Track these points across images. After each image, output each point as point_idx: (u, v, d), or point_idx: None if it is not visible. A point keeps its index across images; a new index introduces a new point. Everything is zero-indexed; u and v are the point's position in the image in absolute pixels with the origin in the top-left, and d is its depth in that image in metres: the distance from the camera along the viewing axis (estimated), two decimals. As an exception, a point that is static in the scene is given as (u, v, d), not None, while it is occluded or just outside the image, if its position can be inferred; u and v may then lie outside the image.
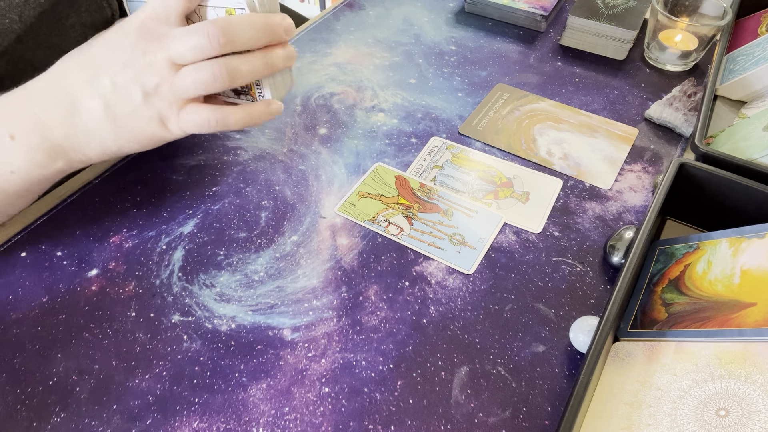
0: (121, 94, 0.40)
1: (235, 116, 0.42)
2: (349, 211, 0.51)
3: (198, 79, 0.39)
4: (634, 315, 0.41)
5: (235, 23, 0.38)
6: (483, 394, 0.40)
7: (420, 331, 0.43)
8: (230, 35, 0.38)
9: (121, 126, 0.41)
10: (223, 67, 0.39)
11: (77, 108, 0.40)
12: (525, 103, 0.64)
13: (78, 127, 0.41)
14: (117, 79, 0.39)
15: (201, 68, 0.39)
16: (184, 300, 0.44)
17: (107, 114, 0.40)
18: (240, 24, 0.38)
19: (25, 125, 0.40)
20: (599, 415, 0.36)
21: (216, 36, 0.38)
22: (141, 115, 0.40)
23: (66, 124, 0.41)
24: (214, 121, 0.41)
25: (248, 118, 0.43)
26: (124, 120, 0.41)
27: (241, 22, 0.38)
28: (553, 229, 0.51)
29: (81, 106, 0.40)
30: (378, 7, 0.80)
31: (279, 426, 0.38)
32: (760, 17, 0.69)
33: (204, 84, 0.39)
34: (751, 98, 0.62)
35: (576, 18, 0.70)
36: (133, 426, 0.37)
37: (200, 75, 0.39)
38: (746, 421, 0.32)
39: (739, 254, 0.40)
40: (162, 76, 0.39)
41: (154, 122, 0.41)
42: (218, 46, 0.38)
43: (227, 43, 0.38)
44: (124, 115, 0.40)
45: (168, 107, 0.40)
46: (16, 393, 0.39)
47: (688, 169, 0.47)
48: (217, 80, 0.39)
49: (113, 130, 0.41)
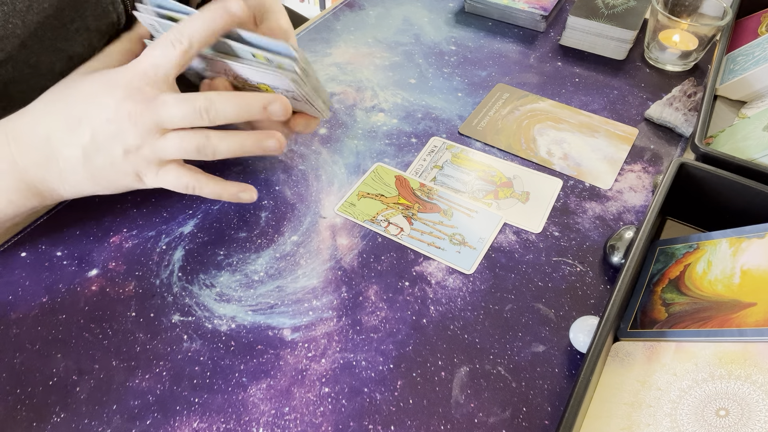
0: (101, 149, 0.41)
1: (209, 188, 0.44)
2: (349, 211, 0.52)
3: (183, 147, 0.41)
4: (634, 315, 0.41)
5: (221, 99, 0.40)
6: (483, 394, 0.40)
7: (420, 331, 0.43)
8: (217, 111, 0.40)
9: (96, 175, 0.42)
10: (208, 144, 0.41)
11: (54, 154, 0.41)
12: (525, 103, 0.64)
13: (54, 173, 0.42)
14: (98, 134, 0.41)
15: (187, 139, 0.41)
16: (184, 300, 0.44)
17: (85, 164, 0.42)
18: (224, 101, 0.40)
19: (1, 167, 0.41)
20: (599, 415, 0.36)
21: (207, 113, 0.40)
22: (118, 169, 0.42)
23: (42, 168, 0.42)
24: (191, 188, 0.44)
25: (219, 194, 0.45)
26: (100, 171, 0.42)
27: (226, 98, 0.41)
28: (553, 229, 0.51)
29: (59, 153, 0.41)
30: (378, 7, 0.80)
31: (279, 426, 0.38)
32: (760, 17, 0.69)
33: (187, 153, 0.41)
34: (751, 98, 0.62)
35: (576, 18, 0.70)
36: (133, 426, 0.37)
37: (185, 144, 0.41)
38: (746, 421, 0.32)
39: (739, 254, 0.40)
40: (144, 138, 0.40)
41: (130, 177, 0.43)
42: (207, 123, 0.40)
43: (215, 120, 0.40)
44: (101, 167, 0.42)
45: (147, 165, 0.42)
46: (16, 393, 0.39)
47: (688, 169, 0.47)
48: (200, 154, 0.42)
49: (89, 178, 0.43)
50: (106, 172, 0.42)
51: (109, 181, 0.43)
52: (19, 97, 0.50)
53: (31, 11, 0.46)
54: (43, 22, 0.47)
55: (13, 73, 0.48)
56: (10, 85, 0.48)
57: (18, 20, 0.46)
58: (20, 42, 0.47)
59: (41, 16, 0.47)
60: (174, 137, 0.41)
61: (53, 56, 0.50)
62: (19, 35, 0.46)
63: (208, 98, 0.40)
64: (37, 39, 0.48)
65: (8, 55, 0.46)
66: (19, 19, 0.46)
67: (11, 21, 0.45)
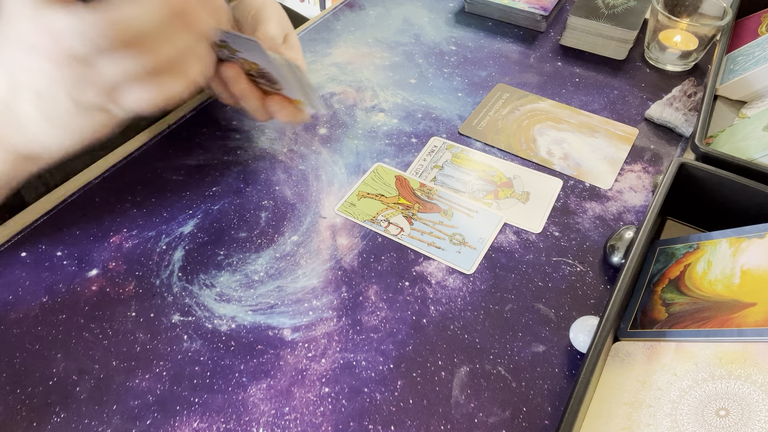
0: (48, 97, 0.36)
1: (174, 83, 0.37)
2: (350, 211, 0.52)
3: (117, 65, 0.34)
4: (634, 315, 0.41)
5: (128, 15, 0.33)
6: (483, 394, 0.40)
7: (420, 331, 0.43)
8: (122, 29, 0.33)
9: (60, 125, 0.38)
10: None
11: (18, 116, 0.38)
12: (525, 103, 0.64)
13: (27, 135, 0.38)
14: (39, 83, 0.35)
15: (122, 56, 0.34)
16: (184, 300, 0.44)
17: (39, 115, 0.37)
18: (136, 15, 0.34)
19: None
20: (599, 415, 0.36)
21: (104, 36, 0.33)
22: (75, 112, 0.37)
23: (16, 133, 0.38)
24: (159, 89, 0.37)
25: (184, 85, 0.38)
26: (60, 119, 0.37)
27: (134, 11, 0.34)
28: (553, 229, 0.51)
29: (19, 112, 0.37)
30: (378, 7, 0.80)
31: (279, 426, 0.38)
32: (760, 17, 0.69)
33: None
34: (751, 98, 0.62)
35: (576, 18, 0.70)
36: (133, 426, 0.37)
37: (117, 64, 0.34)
38: (746, 421, 0.32)
39: (739, 254, 0.40)
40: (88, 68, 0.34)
41: (93, 113, 0.37)
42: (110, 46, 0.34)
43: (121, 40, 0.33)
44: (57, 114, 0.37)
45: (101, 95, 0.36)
46: (16, 393, 0.39)
47: (688, 169, 0.47)
48: None
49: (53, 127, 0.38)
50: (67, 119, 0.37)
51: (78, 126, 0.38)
52: None
53: None
54: None
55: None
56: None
57: None
58: None
59: None
60: None
61: None
62: None
63: None
64: None
65: None
66: None
67: None
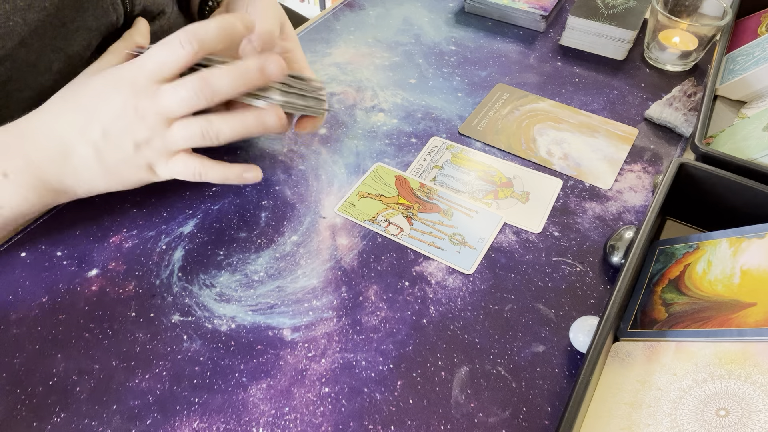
0: (112, 144, 0.42)
1: (215, 171, 0.46)
2: (349, 211, 0.51)
3: (187, 136, 0.42)
4: (634, 315, 0.41)
5: (218, 76, 0.41)
6: (483, 394, 0.40)
7: (420, 331, 0.43)
8: (215, 90, 0.41)
9: (110, 171, 0.44)
10: (210, 128, 0.42)
11: (69, 153, 0.42)
12: (525, 103, 0.64)
13: (69, 170, 0.43)
14: (109, 130, 0.42)
15: (191, 126, 0.42)
16: (184, 300, 0.44)
17: (98, 161, 0.43)
18: (223, 76, 0.41)
19: (17, 164, 0.42)
20: (599, 415, 0.36)
21: (203, 92, 0.41)
22: (131, 163, 0.43)
23: (57, 166, 0.43)
24: (197, 173, 0.45)
25: (224, 176, 0.46)
26: (113, 166, 0.43)
27: (223, 75, 0.41)
28: (553, 229, 0.51)
29: (73, 151, 0.42)
30: (378, 7, 0.80)
31: (279, 426, 0.38)
32: (760, 17, 0.69)
33: (193, 141, 0.43)
34: (751, 98, 0.62)
35: (576, 18, 0.70)
36: (133, 426, 0.37)
37: (190, 133, 0.42)
38: (746, 421, 0.32)
39: (739, 254, 0.40)
40: (153, 130, 0.42)
41: (142, 170, 0.44)
42: (205, 102, 0.41)
43: (213, 96, 0.41)
44: (114, 162, 0.43)
45: (158, 157, 0.43)
46: (16, 393, 0.39)
47: (688, 169, 0.47)
48: (205, 138, 0.43)
49: (103, 174, 0.44)
50: (119, 167, 0.43)
51: (123, 176, 0.44)
52: (17, 95, 0.50)
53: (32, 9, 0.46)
54: (43, 20, 0.47)
55: (12, 71, 0.48)
56: (9, 83, 0.48)
57: (19, 18, 0.46)
58: (20, 40, 0.47)
59: (42, 14, 0.47)
60: (178, 125, 0.42)
61: (52, 55, 0.50)
62: (20, 33, 0.46)
63: (202, 76, 0.41)
64: (37, 37, 0.48)
65: (7, 53, 0.46)
66: (20, 17, 0.46)
67: (12, 18, 0.45)
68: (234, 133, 0.43)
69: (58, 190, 0.44)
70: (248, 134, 0.44)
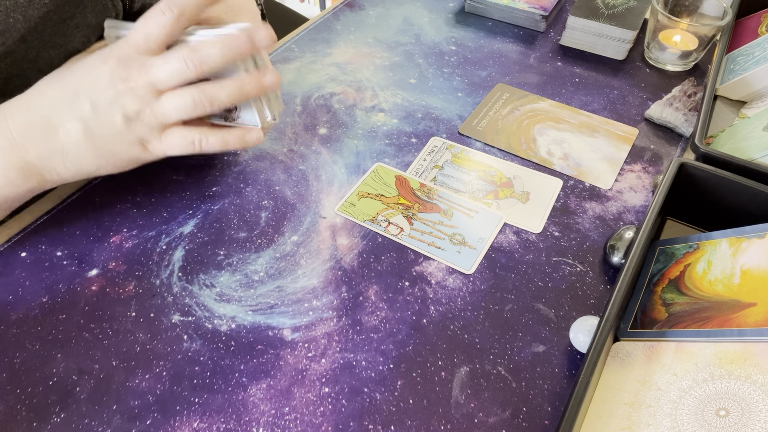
0: (102, 118, 0.41)
1: (215, 137, 0.43)
2: (349, 211, 0.51)
3: (179, 105, 0.40)
4: (634, 315, 0.41)
5: (207, 45, 0.39)
6: (483, 394, 0.40)
7: (420, 331, 0.43)
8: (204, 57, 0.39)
9: (100, 147, 0.42)
10: (203, 94, 0.40)
11: (55, 129, 0.41)
12: (525, 103, 0.64)
13: (54, 148, 0.41)
14: (97, 103, 0.40)
15: (182, 95, 0.40)
16: (184, 300, 0.44)
17: (86, 136, 0.41)
18: (211, 45, 0.39)
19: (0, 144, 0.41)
20: (599, 415, 0.36)
21: (192, 60, 0.39)
22: (122, 138, 0.41)
23: (41, 144, 0.41)
24: (197, 142, 0.43)
25: (225, 141, 0.44)
26: (104, 142, 0.42)
27: (212, 43, 0.39)
28: (553, 229, 0.51)
29: (59, 127, 0.41)
30: (378, 7, 0.80)
31: (279, 426, 0.38)
32: (760, 17, 0.69)
33: (185, 110, 0.41)
34: (751, 98, 0.62)
35: (576, 18, 0.70)
36: (133, 426, 0.37)
37: (181, 101, 0.40)
38: (746, 421, 0.32)
39: (739, 254, 0.40)
40: (143, 101, 0.40)
41: (134, 145, 0.42)
42: (195, 70, 0.39)
43: (202, 64, 0.39)
44: (104, 137, 0.41)
45: (149, 131, 0.42)
46: (16, 393, 0.39)
47: (688, 169, 0.47)
48: (198, 106, 0.40)
49: (92, 151, 0.42)
50: (109, 143, 0.42)
51: (113, 152, 0.42)
52: (18, 92, 0.50)
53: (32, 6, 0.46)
54: (43, 17, 0.47)
55: (12, 68, 0.48)
56: (9, 80, 0.48)
57: (19, 15, 0.46)
58: (20, 36, 0.47)
59: (42, 11, 0.47)
60: (169, 95, 0.40)
61: (52, 51, 0.50)
62: (20, 30, 0.46)
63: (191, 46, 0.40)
64: (37, 34, 0.48)
65: (8, 50, 0.46)
66: (21, 14, 0.46)
67: (12, 15, 0.45)
68: (230, 96, 0.41)
69: (43, 172, 0.42)
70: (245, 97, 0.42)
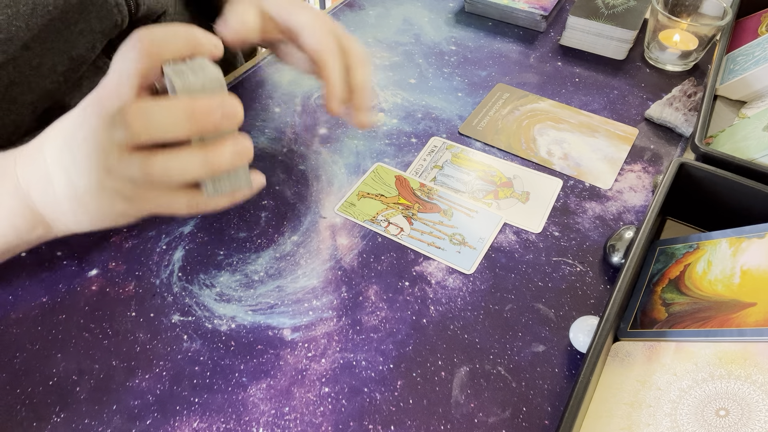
0: (81, 170, 0.36)
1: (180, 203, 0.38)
2: (349, 211, 0.52)
3: (127, 172, 0.35)
4: (634, 315, 0.41)
5: (152, 108, 0.33)
6: (483, 394, 0.40)
7: (420, 331, 0.43)
8: (142, 124, 0.33)
9: (85, 202, 0.38)
10: (149, 164, 0.34)
11: (50, 177, 0.38)
12: (525, 103, 0.64)
13: (50, 197, 0.39)
14: (76, 154, 0.36)
15: (130, 160, 0.34)
16: (184, 300, 0.44)
17: (71, 188, 0.37)
18: (155, 109, 0.33)
19: (7, 187, 0.39)
20: (599, 415, 0.36)
21: (124, 125, 0.33)
22: (103, 193, 0.37)
23: (41, 192, 0.39)
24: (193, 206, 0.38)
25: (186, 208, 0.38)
26: (86, 196, 0.37)
27: (157, 107, 0.33)
28: (553, 229, 0.51)
29: (54, 176, 0.38)
30: (378, 7, 0.80)
31: (279, 426, 0.38)
32: (760, 17, 0.69)
33: (131, 177, 0.35)
34: (751, 98, 0.62)
35: (576, 18, 0.70)
36: (133, 426, 0.37)
37: (128, 169, 0.35)
38: (746, 421, 0.32)
39: (739, 254, 0.40)
40: (110, 158, 0.35)
41: (117, 200, 0.37)
42: (131, 137, 0.33)
43: (138, 132, 0.33)
44: (85, 190, 0.37)
45: (124, 187, 0.36)
46: (16, 393, 0.39)
47: (688, 169, 0.47)
48: (146, 176, 0.35)
49: (79, 204, 0.38)
50: (92, 196, 0.37)
51: (101, 208, 0.38)
52: (21, 98, 0.50)
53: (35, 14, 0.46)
54: (47, 24, 0.47)
55: (15, 75, 0.48)
56: (12, 86, 0.48)
57: (22, 23, 0.46)
58: (23, 44, 0.47)
59: (45, 18, 0.47)
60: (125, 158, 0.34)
61: (56, 58, 0.50)
62: (23, 38, 0.46)
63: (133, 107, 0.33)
64: (40, 41, 0.48)
65: (10, 57, 0.46)
66: (23, 22, 0.46)
67: (15, 24, 0.45)
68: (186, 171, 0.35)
69: (48, 220, 0.40)
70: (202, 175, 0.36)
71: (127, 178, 0.36)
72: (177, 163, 0.35)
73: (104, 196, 0.37)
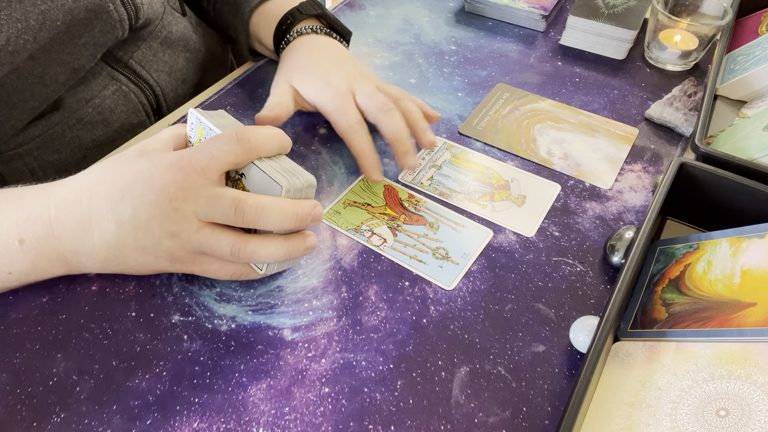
0: (138, 228, 0.39)
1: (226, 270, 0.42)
2: (333, 219, 0.51)
3: (214, 247, 0.39)
4: (634, 315, 0.41)
5: (266, 205, 0.38)
6: (483, 394, 0.40)
7: (420, 331, 0.43)
8: (256, 217, 0.38)
9: (126, 254, 0.40)
10: (242, 248, 0.39)
11: (91, 227, 0.39)
12: (525, 102, 0.64)
13: (86, 245, 0.40)
14: (138, 213, 0.38)
15: (221, 238, 0.39)
16: (184, 300, 0.44)
17: (117, 241, 0.39)
18: (270, 207, 0.38)
19: (37, 232, 0.40)
20: (599, 415, 0.36)
21: (241, 214, 0.38)
22: (150, 252, 0.40)
23: (76, 239, 0.40)
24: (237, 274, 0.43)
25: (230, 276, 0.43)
26: (132, 250, 0.40)
27: (271, 205, 0.38)
28: (553, 229, 0.51)
29: (96, 226, 0.39)
30: (378, 7, 0.80)
31: (279, 426, 0.38)
32: (760, 17, 0.69)
33: (219, 254, 0.39)
34: (752, 98, 0.62)
35: (576, 18, 0.70)
36: (133, 426, 0.37)
37: (218, 246, 0.39)
38: (746, 421, 0.32)
39: (739, 254, 0.40)
40: (182, 227, 0.38)
41: (161, 260, 0.41)
42: (241, 223, 0.38)
43: (251, 223, 0.38)
44: (133, 246, 0.40)
45: (182, 252, 0.40)
46: (16, 393, 0.39)
47: (688, 169, 0.47)
48: (233, 256, 0.39)
49: (117, 255, 0.40)
50: (137, 252, 0.40)
51: (139, 262, 0.41)
52: (22, 106, 0.50)
53: (43, 28, 0.47)
54: (53, 37, 0.48)
55: (18, 83, 0.48)
56: (14, 94, 0.49)
57: (30, 36, 0.46)
58: (29, 55, 0.47)
59: (53, 32, 0.48)
60: (209, 234, 0.39)
61: (58, 68, 0.51)
62: (29, 50, 0.47)
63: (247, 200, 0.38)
64: (45, 52, 0.48)
65: (15, 67, 0.47)
66: (31, 35, 0.46)
67: (23, 37, 0.46)
68: (269, 257, 0.40)
69: (71, 263, 0.41)
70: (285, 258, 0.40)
71: (195, 248, 0.39)
72: (265, 251, 0.39)
73: (152, 255, 0.40)
